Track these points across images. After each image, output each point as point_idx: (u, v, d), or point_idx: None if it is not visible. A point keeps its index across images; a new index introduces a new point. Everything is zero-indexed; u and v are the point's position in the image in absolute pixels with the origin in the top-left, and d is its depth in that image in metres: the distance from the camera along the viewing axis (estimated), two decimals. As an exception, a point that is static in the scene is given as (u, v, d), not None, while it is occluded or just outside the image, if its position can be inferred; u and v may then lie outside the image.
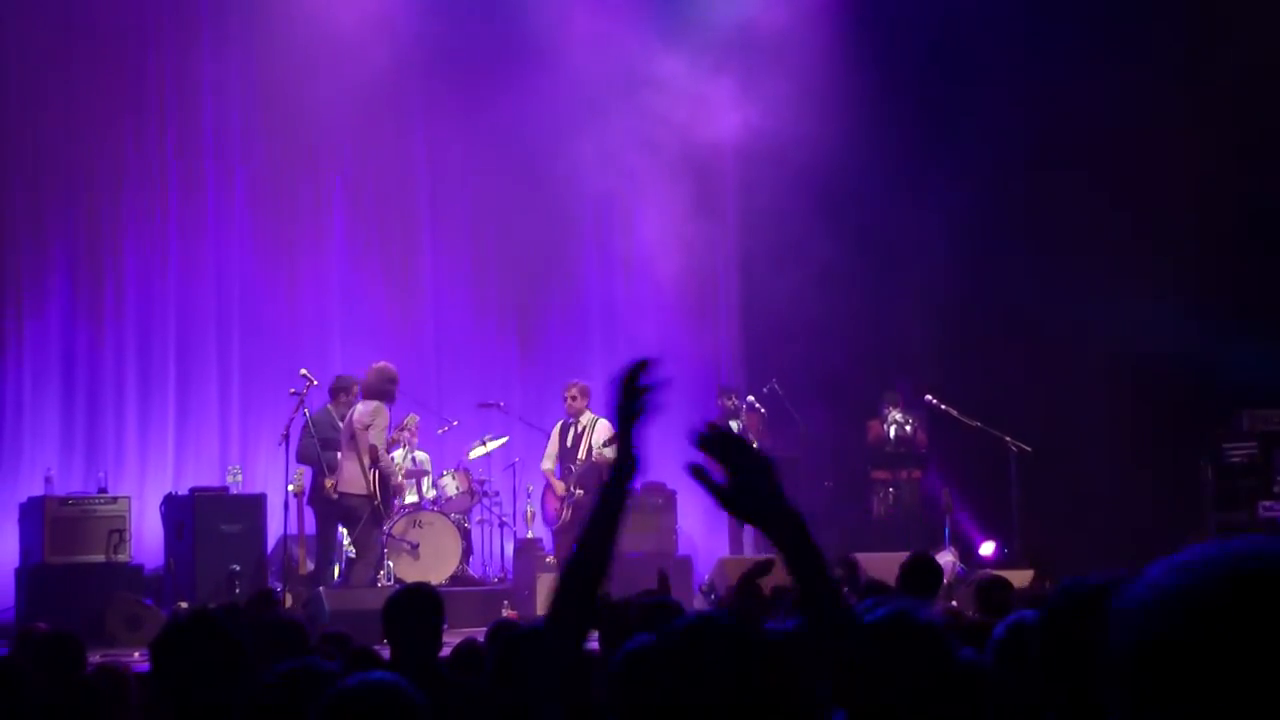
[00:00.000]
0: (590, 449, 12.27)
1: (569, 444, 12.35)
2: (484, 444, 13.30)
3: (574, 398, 12.41)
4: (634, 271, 15.86)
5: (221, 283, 14.56)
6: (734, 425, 13.76)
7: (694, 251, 15.26)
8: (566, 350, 15.44)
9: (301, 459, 12.12)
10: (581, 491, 12.15)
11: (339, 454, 11.95)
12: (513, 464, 13.77)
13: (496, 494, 13.48)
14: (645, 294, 15.76)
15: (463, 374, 14.20)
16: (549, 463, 12.45)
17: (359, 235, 15.25)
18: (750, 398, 14.03)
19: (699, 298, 15.76)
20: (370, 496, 11.53)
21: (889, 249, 14.75)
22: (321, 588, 11.50)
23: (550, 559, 12.71)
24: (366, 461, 11.52)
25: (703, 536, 14.76)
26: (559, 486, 12.35)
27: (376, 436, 11.55)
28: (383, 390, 11.64)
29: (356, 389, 12.18)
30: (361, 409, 11.68)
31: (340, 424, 12.09)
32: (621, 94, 14.46)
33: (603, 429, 12.06)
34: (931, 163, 14.48)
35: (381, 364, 11.81)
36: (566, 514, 12.19)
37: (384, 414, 11.55)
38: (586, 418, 12.40)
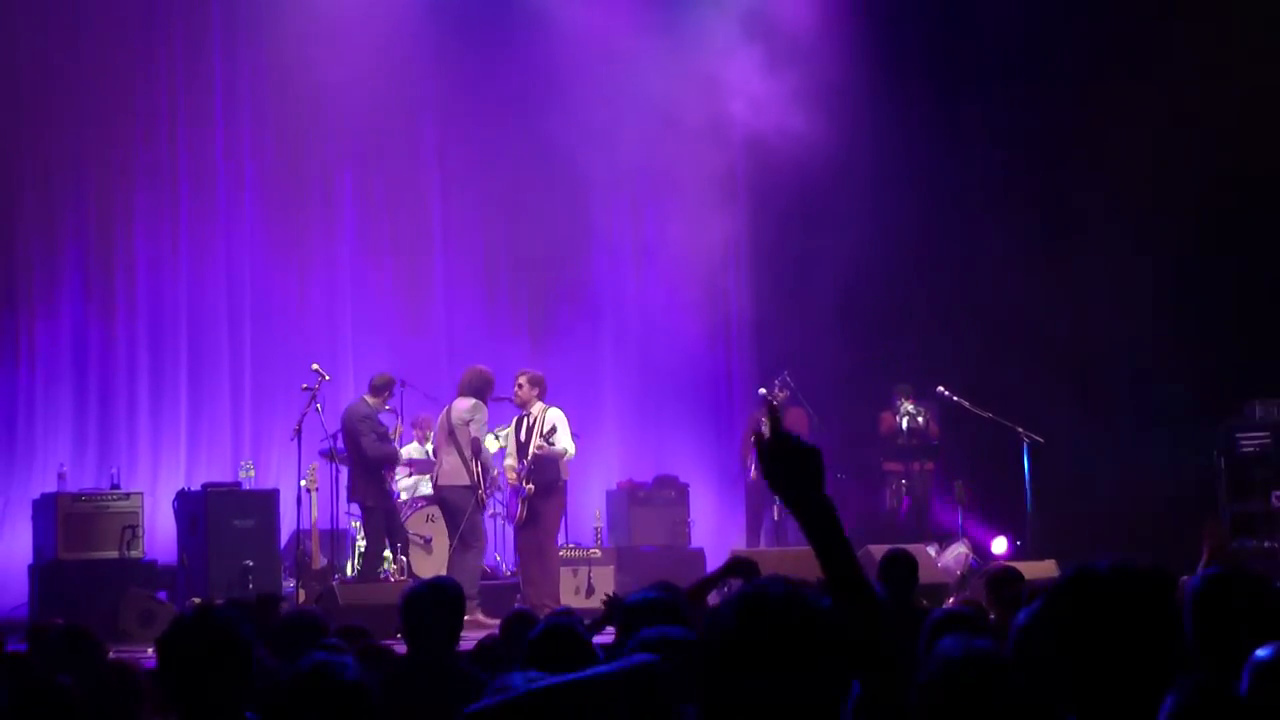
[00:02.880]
0: (541, 440, 11.89)
1: (522, 438, 11.96)
2: (496, 437, 12.87)
3: (520, 387, 11.95)
4: (645, 262, 15.84)
5: (232, 277, 14.56)
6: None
7: (706, 242, 15.19)
8: (578, 342, 15.43)
9: (378, 459, 12.08)
10: (532, 487, 11.76)
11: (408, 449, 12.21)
12: None
13: (502, 490, 13.04)
14: (657, 285, 15.73)
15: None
16: (510, 459, 12.03)
17: (370, 228, 15.23)
18: (762, 390, 13.99)
19: (710, 289, 15.69)
20: (474, 487, 11.72)
21: (901, 238, 14.75)
22: (335, 582, 11.60)
23: (566, 551, 12.66)
24: (469, 454, 11.70)
25: (715, 529, 14.83)
26: (511, 479, 12.03)
27: (478, 430, 11.77)
28: (481, 388, 11.87)
29: (394, 385, 12.41)
30: (461, 405, 11.86)
31: (378, 420, 12.27)
32: (635, 81, 14.44)
33: (549, 419, 11.78)
34: (945, 153, 14.58)
35: (479, 366, 12.04)
36: (521, 512, 11.83)
37: (483, 410, 11.78)
38: (537, 408, 11.91)
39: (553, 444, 11.63)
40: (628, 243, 15.95)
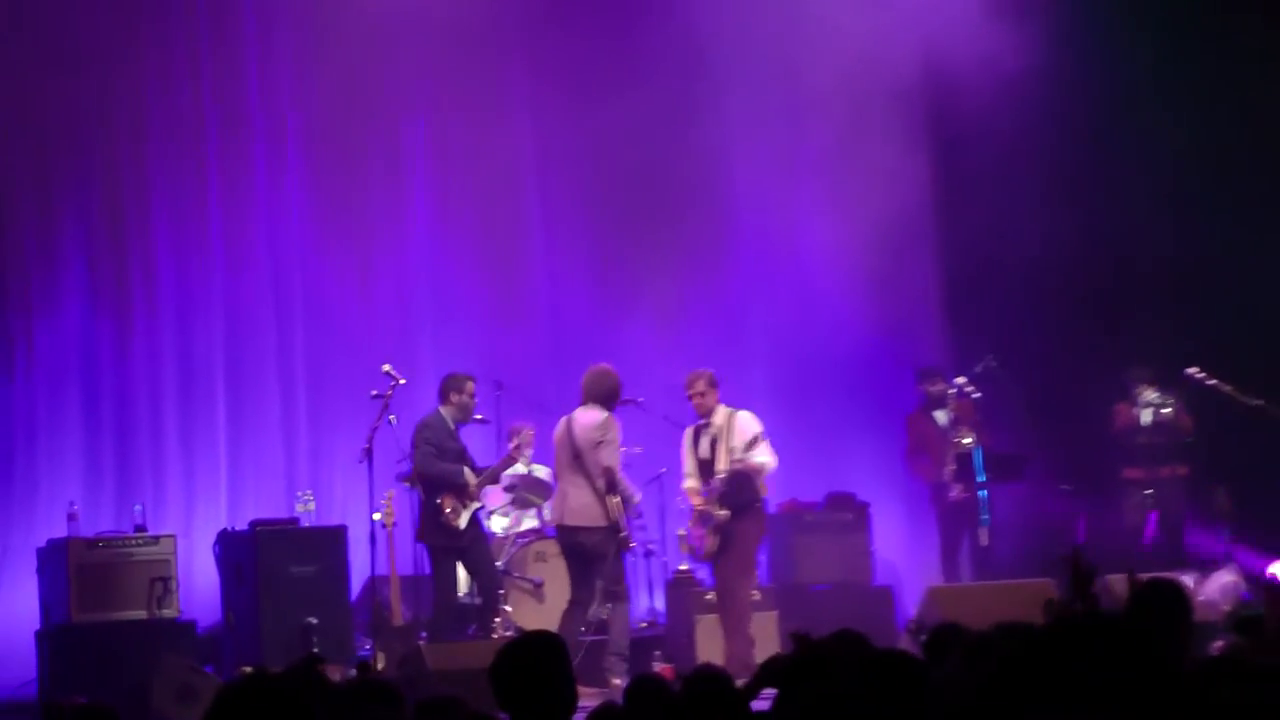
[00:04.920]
0: (730, 454, 12.16)
1: (705, 453, 12.28)
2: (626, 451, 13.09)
3: (700, 394, 12.33)
4: (800, 231, 15.86)
5: (278, 261, 14.67)
6: (941, 416, 14.27)
7: (877, 201, 15.12)
8: (717, 331, 15.51)
9: (430, 472, 12.26)
10: (727, 512, 12.09)
11: (464, 470, 12.27)
12: (658, 476, 13.85)
13: (639, 515, 13.43)
14: (816, 258, 15.73)
15: (585, 367, 13.89)
16: (690, 480, 12.41)
17: (448, 200, 15.29)
18: (960, 380, 14.03)
19: (886, 261, 15.58)
20: (613, 527, 11.79)
21: (1132, 197, 15.03)
22: (423, 641, 11.63)
23: (711, 596, 12.71)
24: (601, 485, 11.79)
25: (905, 560, 14.95)
26: (697, 504, 12.30)
27: (611, 455, 11.84)
28: (608, 396, 11.97)
29: (471, 387, 12.47)
30: (586, 420, 11.93)
31: (456, 431, 12.38)
32: (773, 10, 14.84)
33: (741, 426, 12.09)
34: (1159, 89, 15.00)
35: (603, 367, 12.13)
36: (712, 542, 12.14)
37: (615, 427, 11.89)
38: (721, 415, 12.29)
39: (750, 457, 11.93)
40: (774, 206, 15.96)
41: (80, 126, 14.20)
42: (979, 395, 14.03)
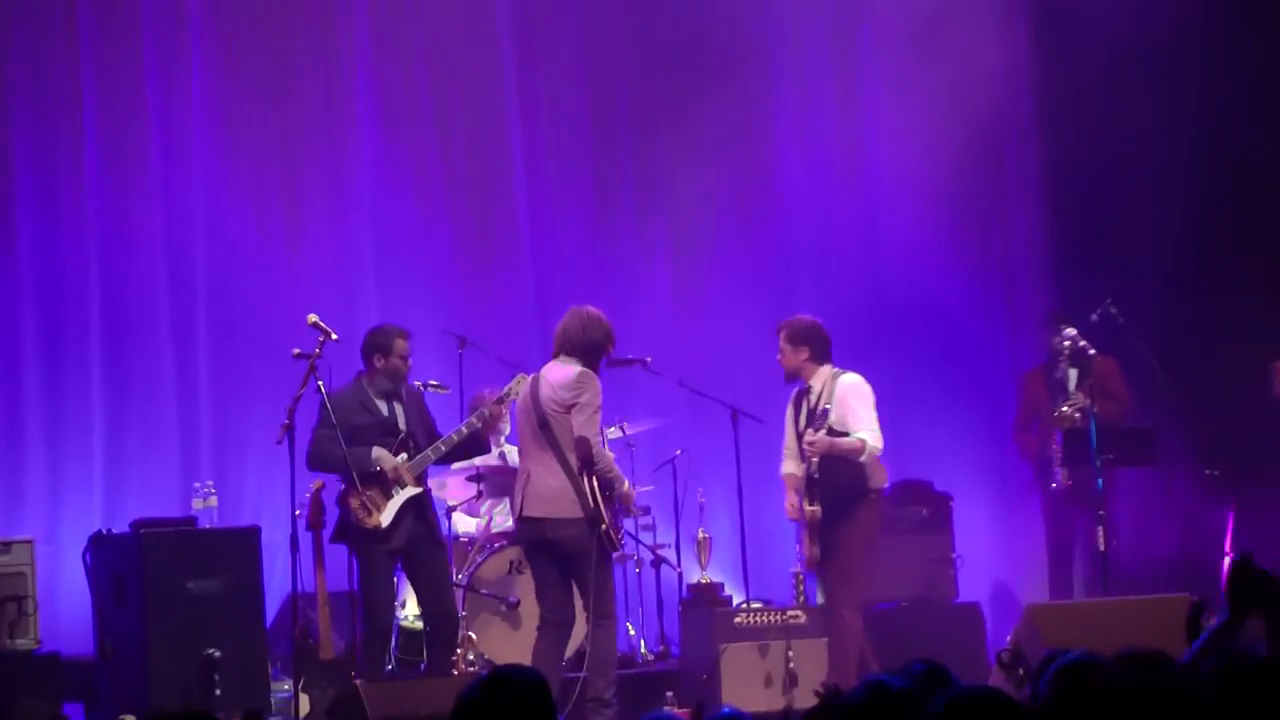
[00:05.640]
0: (828, 425, 11.73)
1: (801, 426, 11.86)
2: (620, 429, 13.07)
3: (780, 352, 11.97)
4: (863, 167, 15.74)
5: (171, 189, 14.22)
6: (1073, 374, 13.75)
7: (962, 104, 14.85)
8: (750, 272, 15.21)
9: (317, 464, 11.73)
10: (816, 508, 11.67)
11: (377, 454, 11.67)
12: (671, 460, 13.61)
13: (647, 511, 13.20)
14: (879, 177, 15.55)
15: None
16: (788, 462, 12.07)
17: (396, 97, 14.92)
18: (1070, 331, 13.39)
19: (969, 178, 15.31)
20: (591, 517, 11.10)
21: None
22: (361, 680, 11.02)
23: (741, 618, 12.16)
24: (574, 462, 11.13)
25: (997, 569, 14.83)
26: (791, 502, 11.98)
27: (587, 421, 11.16)
28: (592, 348, 11.32)
29: (402, 346, 11.89)
30: (557, 377, 11.25)
31: (380, 405, 11.79)
32: None
33: (841, 393, 11.70)
34: None
35: (585, 309, 11.49)
36: (811, 547, 11.75)
37: (595, 386, 11.18)
38: (819, 377, 11.78)
39: (845, 432, 11.61)
40: (834, 133, 15.76)
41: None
42: (1093, 352, 13.31)
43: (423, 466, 11.82)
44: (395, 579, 11.87)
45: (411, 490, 11.74)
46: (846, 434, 11.59)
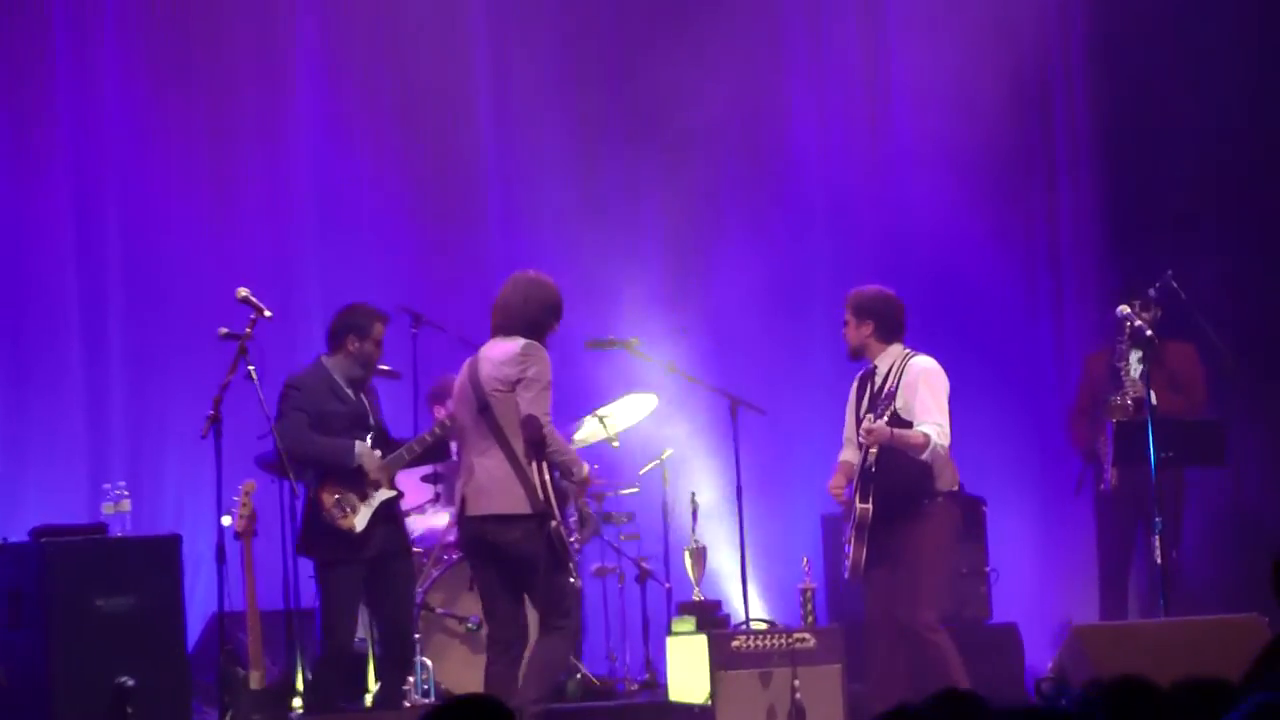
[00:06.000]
0: (894, 411, 11.46)
1: (862, 411, 11.66)
2: (599, 420, 12.74)
3: (845, 324, 11.78)
4: (884, 135, 15.60)
5: (82, 158, 13.95)
6: (1133, 358, 13.27)
7: (998, 48, 14.92)
8: (758, 245, 14.89)
9: (296, 449, 11.40)
10: (867, 506, 11.43)
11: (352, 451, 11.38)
12: (659, 459, 13.36)
13: (630, 517, 13.18)
14: (904, 136, 15.43)
15: (570, 301, 13.13)
16: (847, 449, 11.89)
17: (346, 53, 14.58)
18: (1125, 309, 12.74)
19: (1006, 135, 15.21)
20: (542, 514, 10.73)
21: None
22: (296, 712, 11.22)
23: (742, 641, 11.99)
24: (521, 450, 10.78)
25: (1038, 585, 14.79)
26: (836, 482, 11.72)
27: (534, 399, 10.78)
28: (541, 317, 10.98)
29: (380, 331, 11.67)
30: (499, 353, 10.87)
31: (348, 392, 11.61)
32: None
33: (910, 378, 11.41)
34: None
35: (531, 273, 11.25)
36: (859, 555, 11.46)
37: (543, 359, 10.84)
38: (886, 358, 11.55)
39: (910, 422, 11.29)
40: (858, 83, 15.63)
41: None
42: (1150, 333, 12.75)
43: (397, 468, 11.60)
44: (360, 596, 11.57)
45: (386, 493, 11.52)
46: (911, 424, 11.20)
